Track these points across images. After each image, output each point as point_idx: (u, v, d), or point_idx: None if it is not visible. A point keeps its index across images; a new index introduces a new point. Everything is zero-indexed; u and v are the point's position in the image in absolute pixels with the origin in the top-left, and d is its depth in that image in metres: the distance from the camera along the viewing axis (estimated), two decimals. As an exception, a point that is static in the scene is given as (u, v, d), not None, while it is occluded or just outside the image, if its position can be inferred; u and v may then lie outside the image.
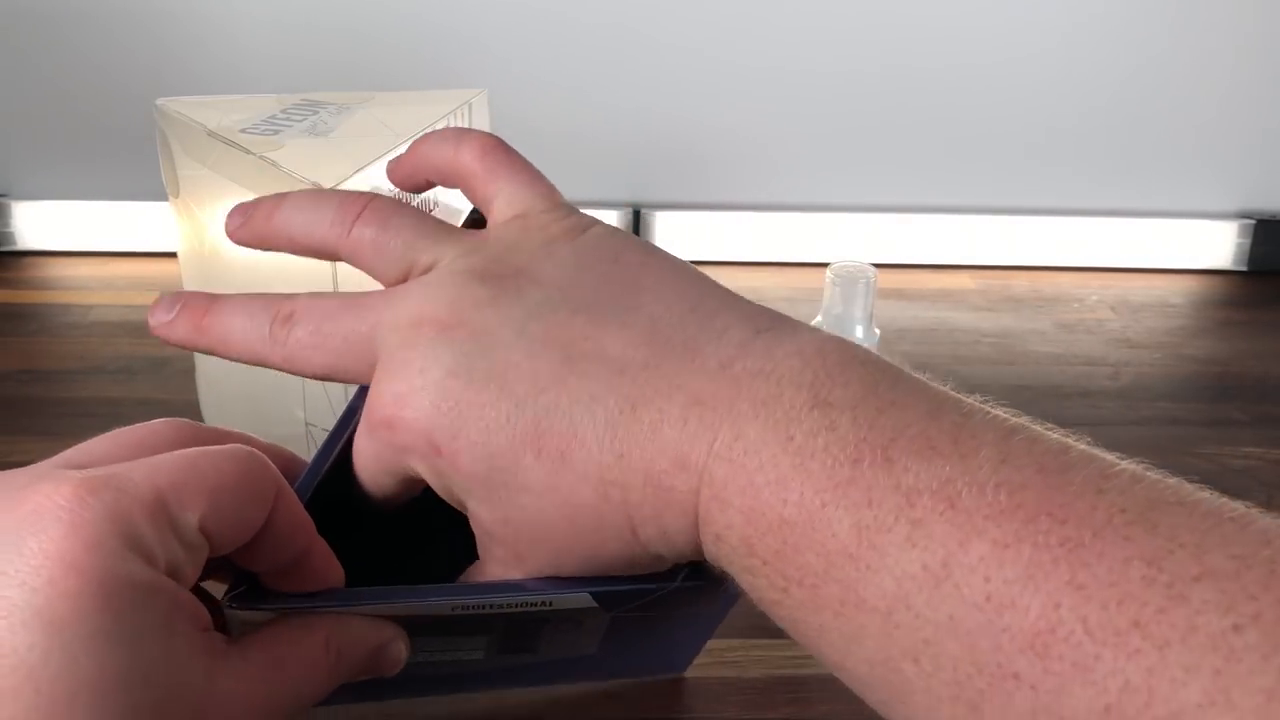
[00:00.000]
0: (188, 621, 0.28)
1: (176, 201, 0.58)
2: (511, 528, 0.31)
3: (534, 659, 0.41)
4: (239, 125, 0.53)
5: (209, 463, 0.29)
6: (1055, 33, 0.88)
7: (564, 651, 0.41)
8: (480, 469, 0.30)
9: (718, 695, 0.49)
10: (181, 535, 0.28)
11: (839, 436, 0.27)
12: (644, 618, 0.39)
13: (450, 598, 0.33)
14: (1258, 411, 0.73)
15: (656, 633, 0.43)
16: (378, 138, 0.52)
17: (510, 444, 0.30)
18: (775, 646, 0.51)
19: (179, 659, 0.27)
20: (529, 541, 0.32)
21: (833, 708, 0.48)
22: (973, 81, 0.90)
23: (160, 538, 0.27)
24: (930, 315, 0.81)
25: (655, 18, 0.86)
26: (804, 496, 0.26)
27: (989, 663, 0.23)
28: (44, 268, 0.86)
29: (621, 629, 0.40)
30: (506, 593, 0.34)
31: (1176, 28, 0.88)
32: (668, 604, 0.38)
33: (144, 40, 0.85)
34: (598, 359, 0.30)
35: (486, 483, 0.30)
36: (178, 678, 0.27)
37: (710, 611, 0.43)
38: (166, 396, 0.69)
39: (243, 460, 0.29)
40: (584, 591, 0.35)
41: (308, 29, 0.85)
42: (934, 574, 0.24)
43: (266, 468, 0.30)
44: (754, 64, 0.87)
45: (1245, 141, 0.93)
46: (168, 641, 0.27)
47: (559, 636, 0.39)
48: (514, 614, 0.35)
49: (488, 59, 0.86)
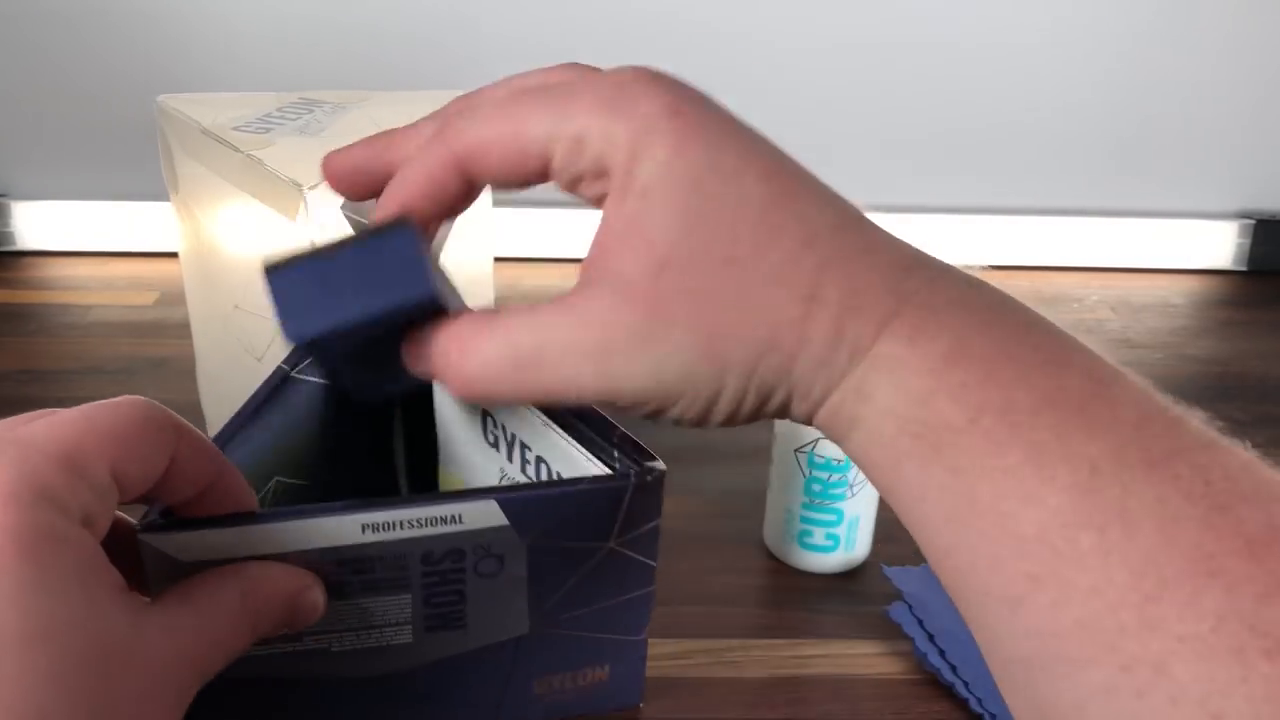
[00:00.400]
0: (107, 573, 0.28)
1: (176, 198, 0.58)
2: (680, 246, 0.27)
3: (464, 640, 0.40)
4: (232, 123, 0.53)
5: (107, 413, 0.30)
6: (1055, 34, 0.88)
7: (495, 632, 0.41)
8: (697, 157, 0.27)
9: (719, 696, 0.48)
10: (92, 483, 0.28)
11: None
12: (564, 564, 0.39)
13: (358, 513, 0.34)
14: (1258, 411, 0.73)
15: (581, 597, 0.42)
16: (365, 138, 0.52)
17: (743, 158, 0.28)
18: (775, 646, 0.51)
19: (103, 606, 0.27)
20: (685, 265, 0.27)
21: (833, 708, 0.48)
22: (973, 82, 0.90)
23: (71, 488, 0.28)
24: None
25: (656, 18, 0.86)
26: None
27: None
28: (44, 268, 0.86)
29: (545, 579, 0.39)
30: (416, 504, 0.35)
31: (1177, 28, 0.88)
32: (581, 524, 0.38)
33: (145, 41, 0.85)
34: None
35: (691, 178, 0.27)
36: (103, 624, 0.27)
37: (628, 552, 0.41)
38: (166, 396, 0.68)
39: (139, 406, 0.30)
40: (491, 500, 0.35)
41: (310, 29, 0.85)
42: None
43: (163, 411, 0.31)
44: (754, 64, 0.87)
45: (1245, 141, 0.93)
46: (91, 590, 0.27)
47: (484, 598, 0.39)
48: (429, 537, 0.35)
49: (489, 59, 0.86)
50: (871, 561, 0.56)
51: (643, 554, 0.41)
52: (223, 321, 0.58)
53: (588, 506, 0.38)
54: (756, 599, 0.55)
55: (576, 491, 0.37)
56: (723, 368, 0.27)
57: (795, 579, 0.56)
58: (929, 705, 0.48)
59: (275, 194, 0.50)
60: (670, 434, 0.67)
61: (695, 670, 0.50)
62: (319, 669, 0.39)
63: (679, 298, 0.27)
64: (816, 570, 0.56)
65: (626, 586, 0.43)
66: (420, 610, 0.38)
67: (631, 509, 0.39)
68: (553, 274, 0.86)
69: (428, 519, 0.35)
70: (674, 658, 0.50)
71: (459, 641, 0.40)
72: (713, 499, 0.61)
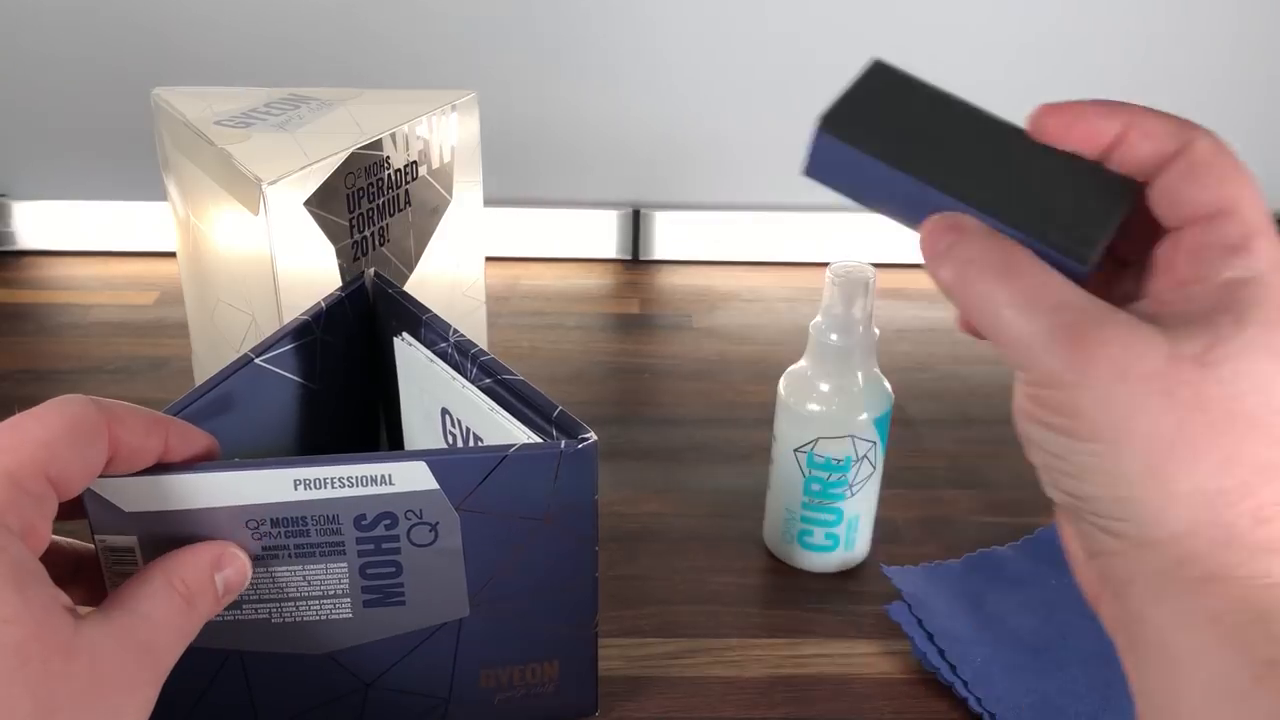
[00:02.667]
0: (45, 583, 0.29)
1: (170, 192, 0.58)
2: (1250, 370, 0.26)
3: (404, 618, 0.41)
4: (215, 117, 0.54)
5: (33, 420, 0.31)
6: (1054, 33, 0.88)
7: (435, 612, 0.41)
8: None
9: (718, 695, 0.49)
10: (24, 490, 0.29)
11: None
12: (499, 536, 0.39)
13: (291, 468, 0.36)
14: (1258, 411, 0.73)
15: (524, 582, 0.42)
16: (342, 136, 0.53)
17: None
18: (775, 646, 0.51)
19: (40, 602, 0.29)
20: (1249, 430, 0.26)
21: (832, 707, 0.48)
22: (972, 82, 0.90)
23: (7, 501, 0.29)
24: (930, 315, 0.81)
25: (656, 18, 0.86)
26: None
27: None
28: (44, 268, 0.86)
29: (481, 554, 0.40)
30: (346, 462, 0.36)
31: (1176, 28, 0.88)
32: (514, 495, 0.38)
33: (145, 42, 0.84)
34: None
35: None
36: (39, 618, 0.28)
37: (564, 524, 0.41)
38: (165, 396, 0.69)
39: (67, 405, 0.32)
40: (420, 461, 0.36)
41: (312, 30, 0.85)
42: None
43: (91, 404, 0.32)
44: (754, 64, 0.87)
45: (1245, 141, 0.92)
46: (27, 593, 0.28)
47: (420, 571, 0.39)
48: (361, 498, 0.37)
49: (491, 59, 0.86)
50: (871, 561, 0.56)
51: (580, 530, 0.41)
52: (210, 315, 0.58)
53: (518, 473, 0.38)
54: (756, 599, 0.55)
55: (506, 456, 0.38)
56: (1172, 481, 0.26)
57: (795, 579, 0.56)
58: (928, 704, 0.48)
59: (240, 188, 0.50)
60: (670, 434, 0.67)
61: (695, 669, 0.50)
62: (262, 642, 0.40)
63: (1188, 389, 0.26)
64: (816, 570, 0.56)
65: (566, 569, 0.42)
66: (357, 582, 0.39)
67: (564, 478, 0.39)
68: (550, 273, 0.86)
69: (358, 478, 0.37)
70: (674, 657, 0.50)
71: (399, 620, 0.41)
72: (713, 499, 0.61)
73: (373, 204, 0.54)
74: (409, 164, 0.55)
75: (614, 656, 0.50)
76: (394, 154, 0.54)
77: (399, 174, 0.55)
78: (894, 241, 0.90)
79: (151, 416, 0.34)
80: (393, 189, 0.55)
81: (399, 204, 0.55)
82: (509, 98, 0.85)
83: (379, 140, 0.53)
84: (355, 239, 0.54)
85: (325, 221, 0.52)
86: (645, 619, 0.53)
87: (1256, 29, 0.89)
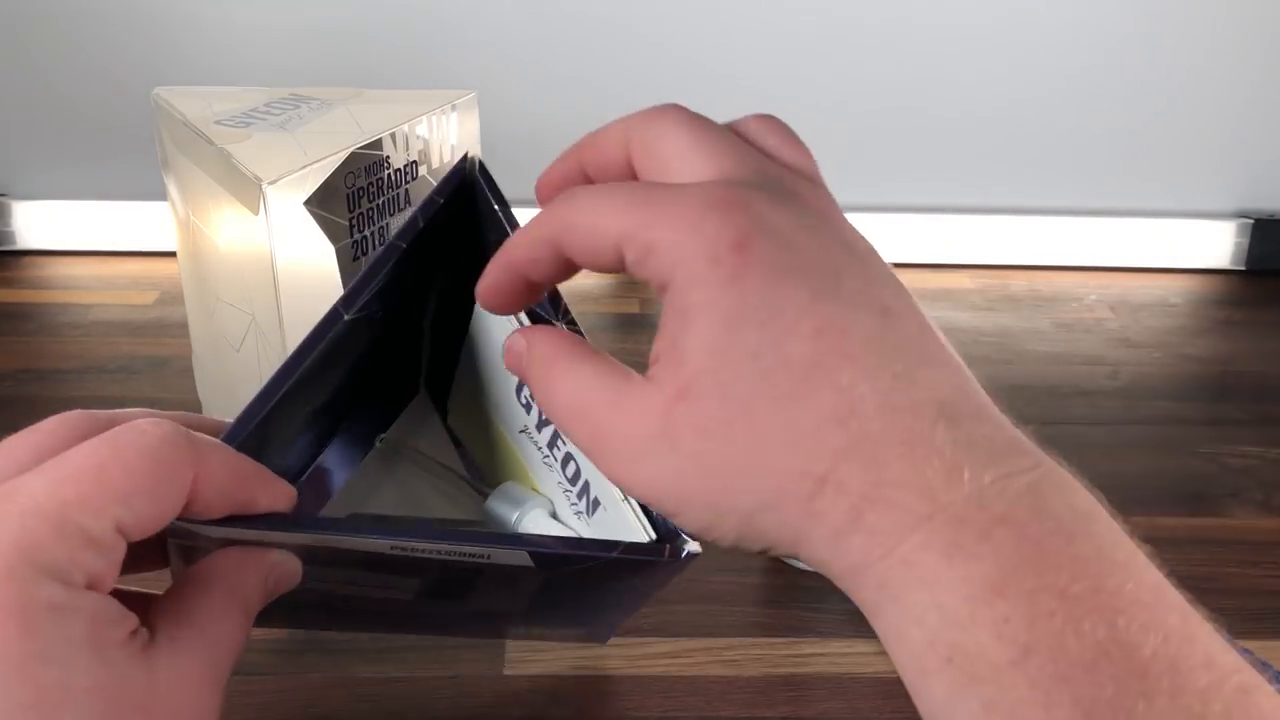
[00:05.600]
0: (115, 628, 0.28)
1: (170, 192, 0.58)
2: (703, 381, 0.27)
3: (461, 608, 0.41)
4: (215, 117, 0.54)
5: (118, 465, 0.28)
6: (1054, 33, 0.88)
7: (491, 605, 0.41)
8: (745, 299, 0.26)
9: (717, 694, 0.49)
10: (95, 544, 0.27)
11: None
12: (579, 584, 0.39)
13: (389, 538, 0.33)
14: (1257, 411, 0.73)
15: (587, 599, 0.43)
16: (341, 136, 0.53)
17: (798, 308, 0.27)
18: (774, 645, 0.51)
19: (116, 666, 0.27)
20: (700, 400, 0.27)
21: (831, 706, 0.48)
22: (971, 82, 0.90)
23: (72, 554, 0.27)
24: (929, 315, 0.81)
25: (657, 17, 0.86)
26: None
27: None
28: (43, 267, 0.86)
29: (553, 590, 0.40)
30: (447, 540, 0.34)
31: (1176, 28, 0.88)
32: (604, 573, 0.38)
33: (145, 41, 0.85)
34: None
35: (730, 318, 0.26)
36: (118, 682, 0.27)
37: (645, 586, 0.42)
38: (166, 395, 0.69)
39: (152, 451, 0.29)
40: (523, 550, 0.35)
41: (312, 29, 0.85)
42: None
43: (178, 449, 0.29)
44: (753, 63, 0.87)
45: (1245, 141, 0.93)
46: (100, 652, 0.27)
47: (491, 589, 0.39)
48: (450, 561, 0.35)
49: (491, 59, 0.86)
50: (870, 561, 0.56)
51: (647, 589, 0.43)
52: (210, 315, 0.58)
53: (613, 566, 0.37)
54: (756, 598, 0.55)
55: (608, 559, 0.37)
56: (716, 510, 0.27)
57: (795, 578, 0.56)
58: (928, 704, 0.49)
59: (240, 187, 0.50)
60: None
61: (694, 669, 0.50)
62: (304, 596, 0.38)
63: (688, 429, 0.27)
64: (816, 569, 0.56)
65: (624, 601, 0.45)
66: (428, 585, 0.39)
67: (655, 574, 0.39)
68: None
69: (457, 553, 0.35)
70: (673, 656, 0.50)
71: (456, 605, 0.42)
72: (712, 498, 0.62)
73: (373, 204, 0.54)
74: (409, 164, 0.55)
75: (613, 656, 0.50)
76: (394, 154, 0.54)
77: (399, 174, 0.55)
78: (893, 241, 0.90)
79: (241, 469, 0.31)
80: (393, 189, 0.55)
81: (399, 204, 0.56)
82: (509, 98, 0.85)
83: (379, 140, 0.53)
84: (355, 239, 0.54)
85: (325, 221, 0.52)
86: (644, 618, 0.53)
87: (1232, 30, 0.89)
